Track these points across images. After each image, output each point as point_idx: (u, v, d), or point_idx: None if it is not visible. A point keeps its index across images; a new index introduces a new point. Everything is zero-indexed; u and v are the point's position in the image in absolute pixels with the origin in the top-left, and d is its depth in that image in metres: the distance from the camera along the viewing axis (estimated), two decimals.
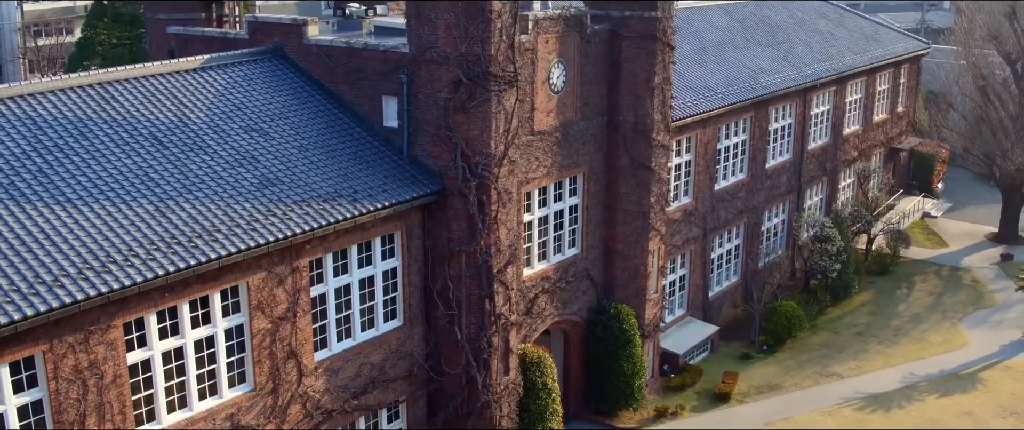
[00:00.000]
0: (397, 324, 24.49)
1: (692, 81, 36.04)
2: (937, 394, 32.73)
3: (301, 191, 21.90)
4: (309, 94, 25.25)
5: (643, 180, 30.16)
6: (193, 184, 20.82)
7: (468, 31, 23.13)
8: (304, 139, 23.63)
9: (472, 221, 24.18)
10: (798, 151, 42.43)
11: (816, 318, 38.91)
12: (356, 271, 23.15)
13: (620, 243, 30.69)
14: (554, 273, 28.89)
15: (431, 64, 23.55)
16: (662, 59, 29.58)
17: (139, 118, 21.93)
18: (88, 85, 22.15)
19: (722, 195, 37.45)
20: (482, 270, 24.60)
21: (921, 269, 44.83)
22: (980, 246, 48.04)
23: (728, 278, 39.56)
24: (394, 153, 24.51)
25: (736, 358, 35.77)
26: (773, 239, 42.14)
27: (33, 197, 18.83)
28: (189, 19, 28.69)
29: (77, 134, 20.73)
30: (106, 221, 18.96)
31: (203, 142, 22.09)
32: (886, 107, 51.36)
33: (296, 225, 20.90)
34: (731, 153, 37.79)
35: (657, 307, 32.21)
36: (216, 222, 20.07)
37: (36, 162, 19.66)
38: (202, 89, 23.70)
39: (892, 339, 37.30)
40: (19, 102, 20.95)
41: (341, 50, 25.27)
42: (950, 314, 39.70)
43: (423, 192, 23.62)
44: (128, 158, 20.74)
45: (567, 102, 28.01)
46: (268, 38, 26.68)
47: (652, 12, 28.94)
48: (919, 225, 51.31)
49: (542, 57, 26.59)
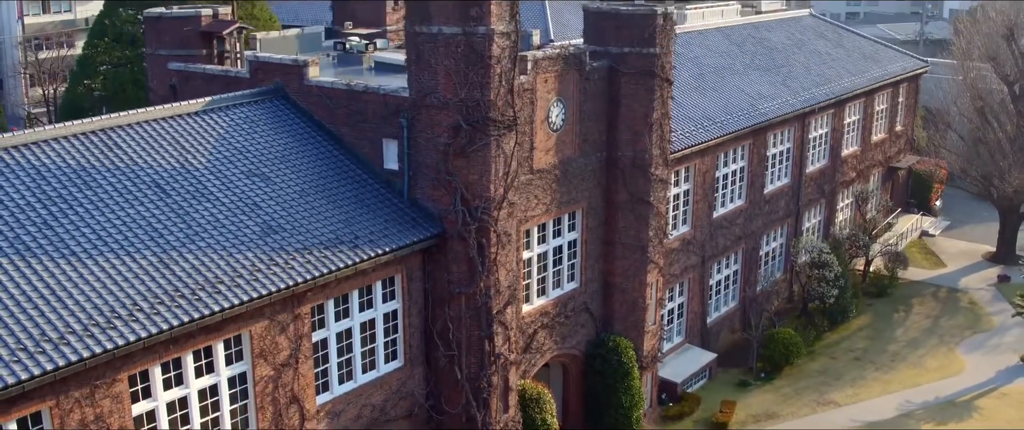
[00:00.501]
0: (398, 365, 24.73)
1: (690, 110, 36.27)
2: (933, 422, 32.99)
3: (303, 238, 22.13)
4: (310, 136, 25.49)
5: (641, 214, 30.39)
6: (196, 233, 21.05)
7: (468, 76, 23.37)
8: (305, 183, 23.86)
9: (472, 264, 24.42)
10: (796, 175, 42.66)
11: (814, 343, 39.14)
12: (357, 315, 23.39)
13: (618, 276, 30.91)
14: (553, 308, 29.12)
15: (431, 109, 23.78)
16: (661, 95, 29.81)
17: (142, 165, 22.16)
18: (91, 132, 22.39)
19: (720, 222, 37.68)
20: (482, 311, 24.84)
21: (919, 291, 45.08)
22: (978, 266, 48.29)
23: (726, 304, 39.79)
24: (395, 196, 24.74)
25: (734, 385, 36.00)
26: (771, 263, 42.37)
27: (38, 251, 19.06)
28: (190, 55, 28.89)
29: (81, 183, 20.96)
30: (110, 275, 19.18)
31: (205, 189, 22.31)
32: (884, 126, 51.60)
33: (297, 274, 21.13)
34: (729, 180, 38.02)
35: (655, 339, 32.44)
36: (219, 273, 20.30)
37: (40, 214, 19.89)
38: (204, 133, 23.94)
39: (889, 365, 37.54)
40: (23, 151, 21.18)
41: (341, 92, 25.50)
42: (947, 338, 39.95)
43: (423, 236, 23.85)
44: (131, 207, 20.97)
45: (566, 139, 28.24)
46: (269, 78, 26.90)
47: (651, 49, 29.17)
48: (917, 244, 51.57)
49: (541, 96, 26.83)
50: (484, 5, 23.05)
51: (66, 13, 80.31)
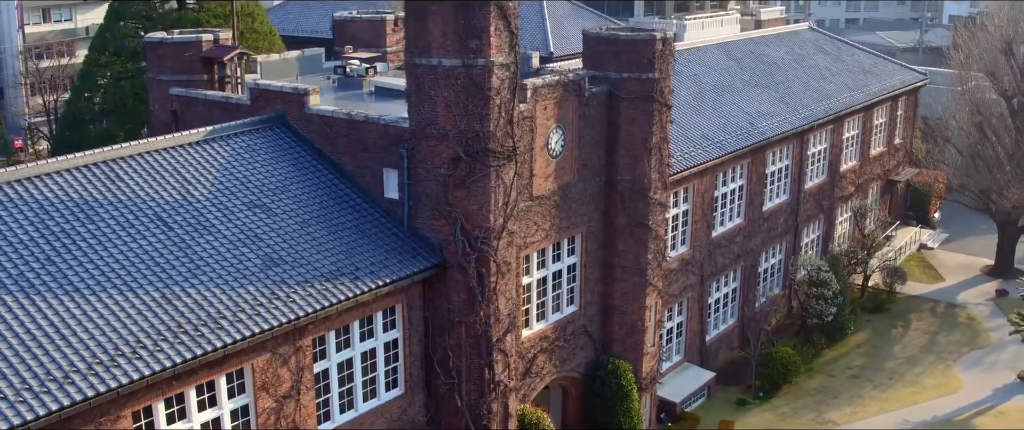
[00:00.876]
0: (398, 393, 24.90)
1: (690, 130, 36.43)
2: None
3: (304, 271, 22.29)
4: (311, 164, 25.66)
5: (640, 238, 30.54)
6: (198, 267, 21.21)
7: (467, 108, 23.54)
8: (306, 214, 24.03)
9: (472, 293, 24.59)
10: (795, 192, 42.83)
11: (812, 361, 39.30)
12: (358, 344, 23.56)
13: (618, 299, 31.07)
14: (553, 332, 29.29)
15: (431, 140, 23.95)
16: (660, 119, 29.97)
17: (144, 198, 22.33)
18: (93, 164, 22.56)
19: (719, 241, 37.84)
20: (481, 340, 25.01)
21: (917, 306, 45.25)
22: (976, 280, 48.46)
23: (725, 321, 39.96)
24: (395, 225, 24.91)
25: (733, 404, 36.16)
26: (770, 279, 42.54)
27: (42, 287, 19.23)
28: (191, 80, 29.05)
29: (83, 218, 21.13)
30: (114, 311, 19.35)
31: (207, 221, 22.48)
32: (883, 140, 51.79)
33: (299, 308, 21.30)
34: (728, 199, 38.20)
35: (654, 360, 32.61)
36: (221, 308, 20.46)
37: (44, 249, 20.05)
38: (205, 163, 24.10)
39: (887, 383, 37.71)
40: (25, 185, 21.35)
41: (342, 121, 25.67)
42: (945, 355, 40.13)
43: (423, 266, 24.02)
44: (134, 242, 21.13)
45: (565, 165, 28.40)
46: (270, 105, 27.07)
47: (650, 74, 29.32)
48: (916, 257, 51.75)
49: (541, 123, 26.98)
50: (483, 37, 23.23)
51: (66, 22, 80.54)
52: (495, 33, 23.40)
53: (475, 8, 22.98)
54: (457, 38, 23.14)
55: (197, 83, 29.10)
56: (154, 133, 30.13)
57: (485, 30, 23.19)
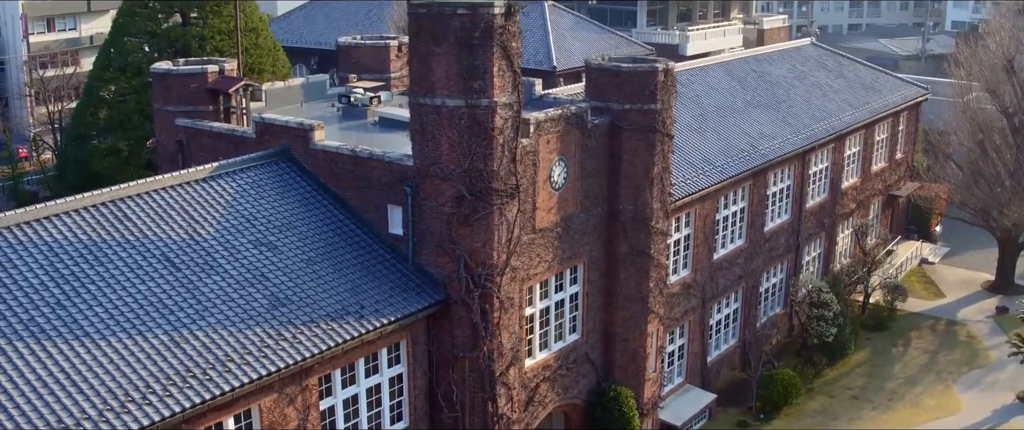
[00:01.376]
0: (403, 426, 25.22)
1: (691, 153, 36.67)
2: None
3: (309, 310, 22.60)
4: (316, 200, 25.96)
5: (642, 266, 30.81)
6: (205, 308, 21.52)
7: (471, 147, 23.83)
8: (312, 251, 24.33)
9: (475, 328, 24.90)
10: (796, 211, 43.07)
11: (813, 381, 39.57)
12: (363, 380, 23.87)
13: (619, 326, 31.35)
14: (555, 361, 29.57)
15: (435, 178, 24.24)
16: (661, 149, 30.23)
17: (152, 237, 22.64)
18: (101, 203, 22.88)
19: (721, 264, 38.10)
20: (485, 374, 25.32)
21: (917, 323, 45.50)
22: (977, 297, 48.69)
23: (727, 342, 40.23)
24: (399, 261, 25.21)
25: (734, 426, 36.46)
26: (771, 298, 42.81)
27: (52, 332, 19.55)
28: (197, 111, 29.34)
29: (92, 260, 21.44)
30: (123, 355, 19.68)
31: (214, 261, 22.79)
32: (885, 156, 52.03)
33: (305, 349, 21.62)
34: (730, 221, 38.45)
35: (656, 385, 32.90)
36: (228, 350, 20.77)
37: (53, 293, 20.37)
38: (212, 200, 24.41)
39: (887, 404, 37.98)
40: (34, 226, 21.67)
41: (347, 157, 25.96)
42: (944, 375, 40.39)
43: (428, 303, 24.34)
44: (142, 283, 21.44)
45: (568, 196, 28.66)
46: (275, 139, 27.37)
47: (652, 105, 29.58)
48: (917, 272, 51.99)
49: (544, 157, 27.23)
50: (487, 78, 23.52)
51: (71, 31, 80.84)
52: (498, 73, 23.68)
53: (478, 49, 23.27)
54: (461, 79, 23.42)
55: (203, 114, 29.39)
56: (161, 161, 30.45)
57: (488, 71, 23.48)
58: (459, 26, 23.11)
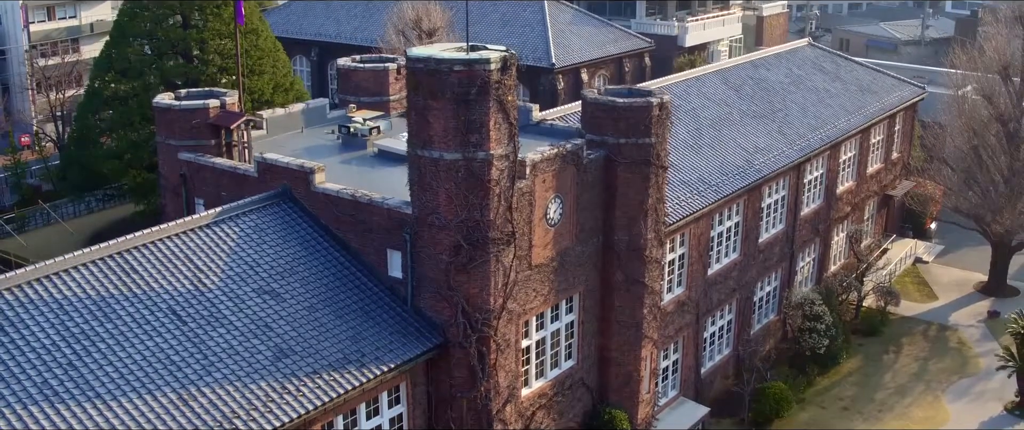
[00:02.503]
0: None
1: (687, 173, 37.20)
2: None
3: (312, 361, 23.34)
4: (317, 243, 26.61)
5: (637, 294, 31.50)
6: (211, 363, 22.26)
7: (468, 199, 24.44)
8: (314, 297, 25.03)
9: (473, 370, 25.66)
10: (791, 221, 43.68)
11: (804, 391, 40.43)
12: (364, 423, 24.66)
13: (614, 351, 32.09)
14: (551, 389, 30.34)
15: (433, 228, 24.88)
16: (656, 181, 30.80)
17: (158, 290, 23.33)
18: (108, 256, 23.56)
19: (715, 279, 38.78)
20: (482, 413, 26.12)
21: (909, 329, 46.26)
22: (969, 299, 49.41)
23: (721, 352, 41.01)
24: (399, 304, 25.92)
25: None
26: (765, 306, 43.53)
27: (65, 394, 20.30)
28: (199, 145, 29.89)
29: (101, 316, 22.15)
30: (134, 416, 20.44)
31: (219, 312, 23.49)
32: (880, 157, 52.56)
33: (308, 401, 22.39)
34: (724, 237, 39.07)
35: (649, 406, 33.73)
36: (235, 406, 21.54)
37: (65, 353, 21.10)
38: (215, 248, 25.07)
39: (876, 415, 38.84)
40: (44, 282, 22.36)
41: (347, 202, 26.57)
42: (934, 384, 41.21)
43: (427, 347, 25.10)
44: (149, 339, 22.17)
45: (564, 231, 29.28)
46: (277, 178, 27.95)
47: (647, 139, 30.11)
48: (910, 272, 52.70)
49: (540, 197, 27.82)
50: (483, 131, 24.08)
51: (71, 19, 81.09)
52: (494, 127, 24.24)
53: (475, 105, 23.82)
54: (458, 133, 23.99)
55: (205, 148, 29.96)
56: (165, 192, 31.06)
57: (485, 124, 24.04)
58: (456, 82, 23.64)
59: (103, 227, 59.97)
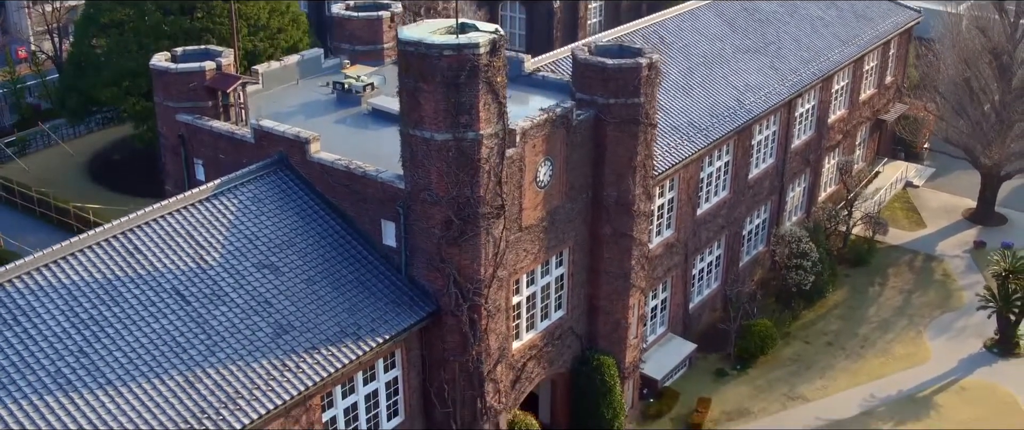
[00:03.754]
0: (399, 421, 27.48)
1: (676, 116, 37.73)
2: (892, 423, 35.89)
3: (311, 336, 24.47)
4: (314, 212, 27.45)
5: (625, 246, 32.47)
6: (215, 343, 23.39)
7: (459, 177, 25.19)
8: (311, 269, 26.01)
9: (465, 335, 26.81)
10: (781, 155, 44.35)
11: (789, 325, 41.78)
12: (362, 389, 25.96)
13: (603, 300, 33.24)
14: (541, 340, 31.59)
15: (425, 203, 25.69)
16: (644, 138, 31.42)
17: (161, 271, 24.31)
18: (112, 237, 24.44)
19: (704, 218, 39.70)
20: (474, 374, 27.39)
21: (896, 259, 47.38)
22: (957, 227, 50.38)
23: (709, 287, 42.22)
24: (393, 272, 26.93)
25: (712, 374, 38.85)
26: (754, 238, 44.54)
27: (78, 382, 21.47)
28: (197, 106, 30.44)
29: (108, 300, 23.18)
30: (143, 401, 21.66)
31: (221, 289, 24.51)
32: (874, 83, 52.87)
33: (308, 377, 23.60)
34: (714, 177, 39.82)
35: (636, 351, 35.08)
36: (238, 386, 22.75)
37: (75, 340, 22.20)
38: (215, 222, 25.94)
39: (858, 352, 40.25)
40: (52, 268, 23.29)
41: (342, 173, 27.30)
42: (917, 319, 42.52)
43: (420, 316, 26.21)
44: (155, 321, 23.25)
45: (553, 190, 30.06)
46: (273, 145, 28.61)
47: (636, 99, 30.61)
48: (900, 198, 53.57)
49: (530, 162, 28.52)
50: (473, 113, 24.67)
51: None
52: (484, 107, 24.81)
53: (465, 87, 24.35)
54: (448, 114, 24.58)
55: (202, 109, 30.49)
56: (164, 151, 31.74)
57: (474, 106, 24.61)
58: (446, 66, 24.11)
59: (103, 147, 60.81)
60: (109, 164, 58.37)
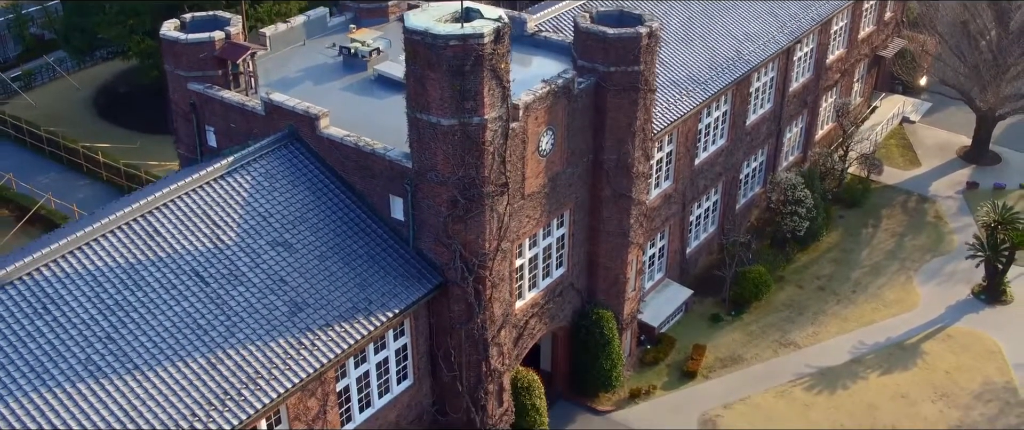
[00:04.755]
0: (408, 384, 28.96)
1: (676, 70, 38.31)
2: (879, 371, 37.47)
3: (325, 313, 25.72)
4: (324, 186, 28.44)
5: (624, 206, 33.53)
6: (234, 323, 24.65)
7: (464, 159, 26.11)
8: (323, 245, 27.13)
9: (470, 305, 28.09)
10: (779, 100, 45.02)
11: (783, 269, 43.06)
12: (373, 358, 27.35)
13: (602, 257, 34.45)
14: (543, 298, 32.90)
15: (431, 183, 26.66)
16: (643, 103, 32.17)
17: (181, 252, 25.44)
18: (132, 220, 25.49)
19: (702, 167, 40.62)
20: (479, 340, 28.76)
21: (890, 199, 48.40)
22: (950, 166, 51.25)
23: (706, 231, 43.37)
24: (401, 245, 28.06)
25: (707, 320, 40.29)
26: (751, 181, 45.47)
27: (107, 369, 22.79)
28: (206, 75, 31.11)
29: (131, 284, 24.37)
30: (169, 385, 23.02)
31: (238, 269, 25.67)
32: (873, 20, 53.11)
33: (322, 355, 24.94)
34: (712, 127, 40.60)
35: (635, 302, 36.46)
36: (257, 366, 24.09)
37: (103, 326, 23.45)
38: (230, 199, 26.95)
39: (850, 297, 41.61)
40: (77, 254, 24.41)
41: (351, 149, 28.19)
42: (908, 263, 43.74)
43: (428, 289, 27.45)
44: (177, 304, 24.47)
45: (555, 157, 30.96)
46: (283, 117, 29.43)
47: (635, 66, 31.25)
48: (897, 134, 54.34)
49: (532, 132, 29.36)
50: (478, 99, 25.45)
51: None
52: (488, 93, 25.58)
53: (470, 75, 25.08)
54: (453, 100, 25.37)
55: (212, 78, 31.17)
56: (176, 117, 32.53)
57: (479, 92, 25.39)
58: (452, 55, 24.80)
59: (109, 79, 61.30)
60: (115, 98, 58.96)
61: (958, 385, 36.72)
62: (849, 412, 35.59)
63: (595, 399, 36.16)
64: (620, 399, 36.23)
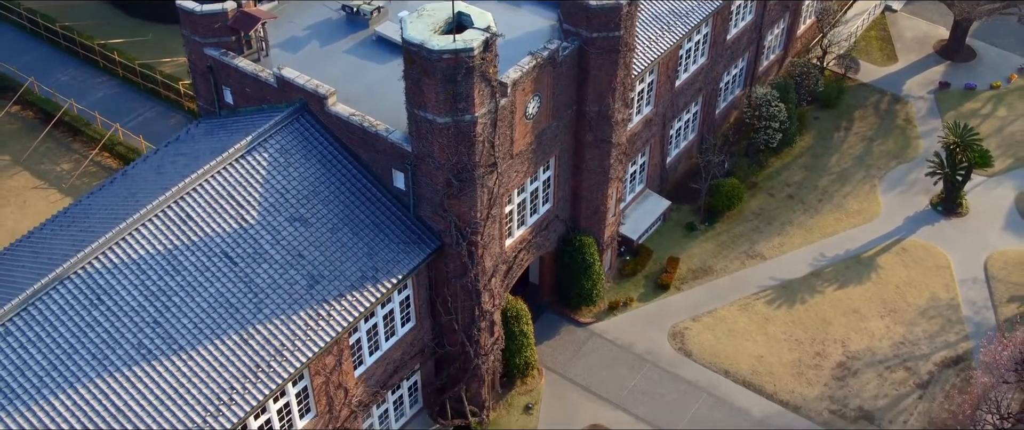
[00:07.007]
0: (411, 326, 33.26)
1: (657, 3, 40.40)
2: (835, 285, 41.65)
3: (338, 284, 29.64)
4: (334, 158, 31.74)
5: (605, 149, 36.80)
6: (260, 300, 28.61)
7: (458, 149, 29.36)
8: (335, 218, 30.74)
9: (464, 264, 32.01)
10: (760, 10, 47.07)
11: (756, 176, 46.51)
12: (380, 312, 31.51)
13: (585, 190, 37.97)
14: (531, 234, 36.69)
15: (429, 167, 29.99)
16: (624, 62, 34.89)
17: (211, 235, 29.10)
18: (167, 206, 29.02)
19: (682, 88, 43.36)
20: (472, 290, 32.85)
21: (864, 99, 51.16)
22: (926, 62, 53.57)
23: (685, 139, 46.45)
24: (403, 212, 31.68)
25: (683, 228, 44.18)
26: (731, 86, 48.13)
27: (156, 351, 26.93)
28: (221, 42, 33.79)
29: (170, 270, 28.18)
30: (210, 362, 27.23)
31: (261, 248, 29.40)
32: None
33: (337, 324, 29.05)
34: (692, 50, 43.00)
35: (614, 227, 40.29)
36: (282, 339, 28.24)
37: (149, 313, 27.43)
38: (251, 178, 30.35)
39: (816, 206, 45.22)
40: (122, 244, 28.07)
41: (357, 127, 31.33)
42: (873, 170, 47.06)
43: (427, 252, 31.28)
44: (211, 285, 28.37)
45: (542, 116, 33.99)
46: (294, 91, 32.37)
47: (617, 32, 33.82)
48: (878, 25, 56.33)
49: (520, 101, 32.29)
50: (469, 99, 28.43)
51: None
52: (478, 94, 28.54)
53: (462, 82, 27.97)
54: (447, 102, 28.35)
55: (227, 44, 33.85)
56: (194, 76, 35.39)
57: (470, 95, 28.34)
58: (445, 66, 27.60)
59: None
60: None
61: (906, 301, 40.95)
62: (804, 325, 40.02)
63: (578, 311, 40.59)
64: (600, 311, 40.63)
